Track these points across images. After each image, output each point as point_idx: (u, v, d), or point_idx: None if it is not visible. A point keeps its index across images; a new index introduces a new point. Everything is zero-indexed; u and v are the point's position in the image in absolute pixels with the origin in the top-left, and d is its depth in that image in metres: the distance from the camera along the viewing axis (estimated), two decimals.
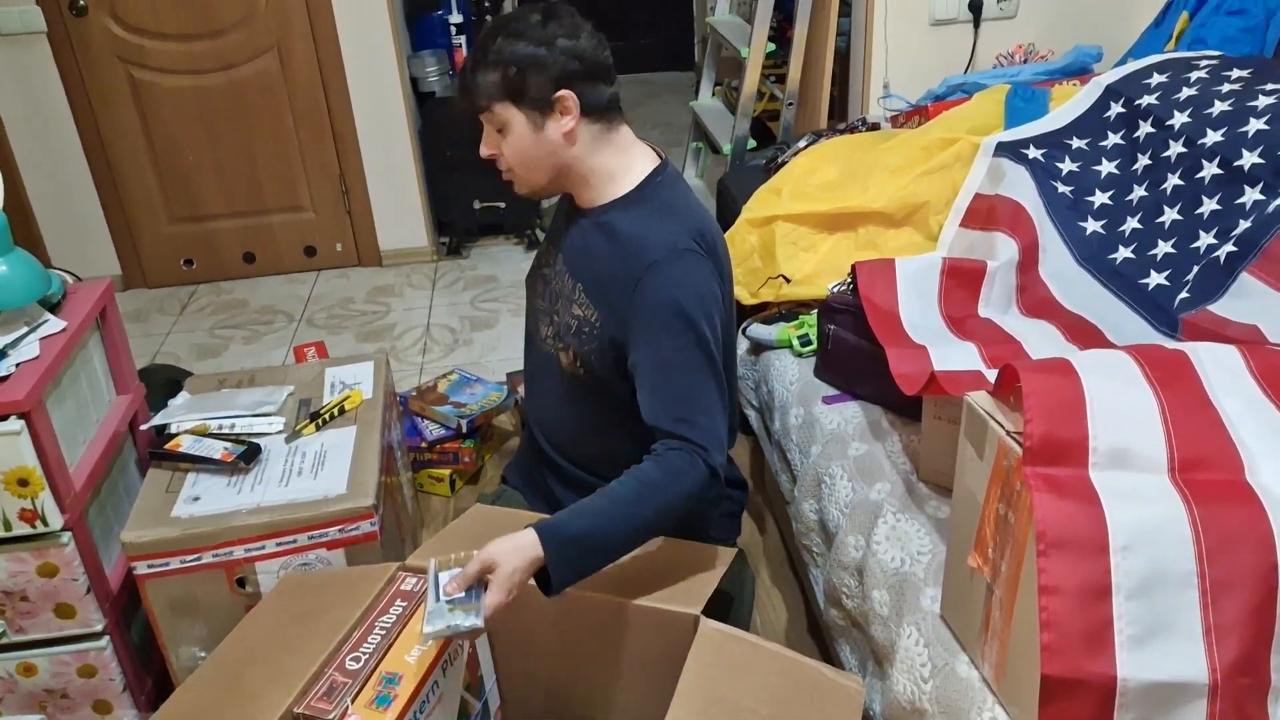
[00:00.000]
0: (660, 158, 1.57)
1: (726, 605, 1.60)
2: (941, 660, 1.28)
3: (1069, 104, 2.03)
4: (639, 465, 1.40)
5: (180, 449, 1.84)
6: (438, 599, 1.31)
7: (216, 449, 1.84)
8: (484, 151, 1.54)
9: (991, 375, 1.35)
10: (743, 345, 2.15)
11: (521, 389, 2.04)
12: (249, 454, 1.82)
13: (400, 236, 3.85)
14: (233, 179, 3.68)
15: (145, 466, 1.91)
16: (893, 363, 1.55)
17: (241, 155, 3.65)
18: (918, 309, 1.71)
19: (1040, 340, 1.63)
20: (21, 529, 1.62)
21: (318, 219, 3.80)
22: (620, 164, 1.53)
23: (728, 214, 2.49)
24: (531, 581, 1.35)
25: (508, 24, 1.46)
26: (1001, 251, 1.79)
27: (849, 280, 1.84)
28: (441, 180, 3.78)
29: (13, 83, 3.40)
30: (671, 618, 1.41)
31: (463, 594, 1.31)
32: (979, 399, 1.17)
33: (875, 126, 2.56)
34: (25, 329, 1.73)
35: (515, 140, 1.49)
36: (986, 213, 1.90)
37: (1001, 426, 1.12)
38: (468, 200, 3.80)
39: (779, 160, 2.45)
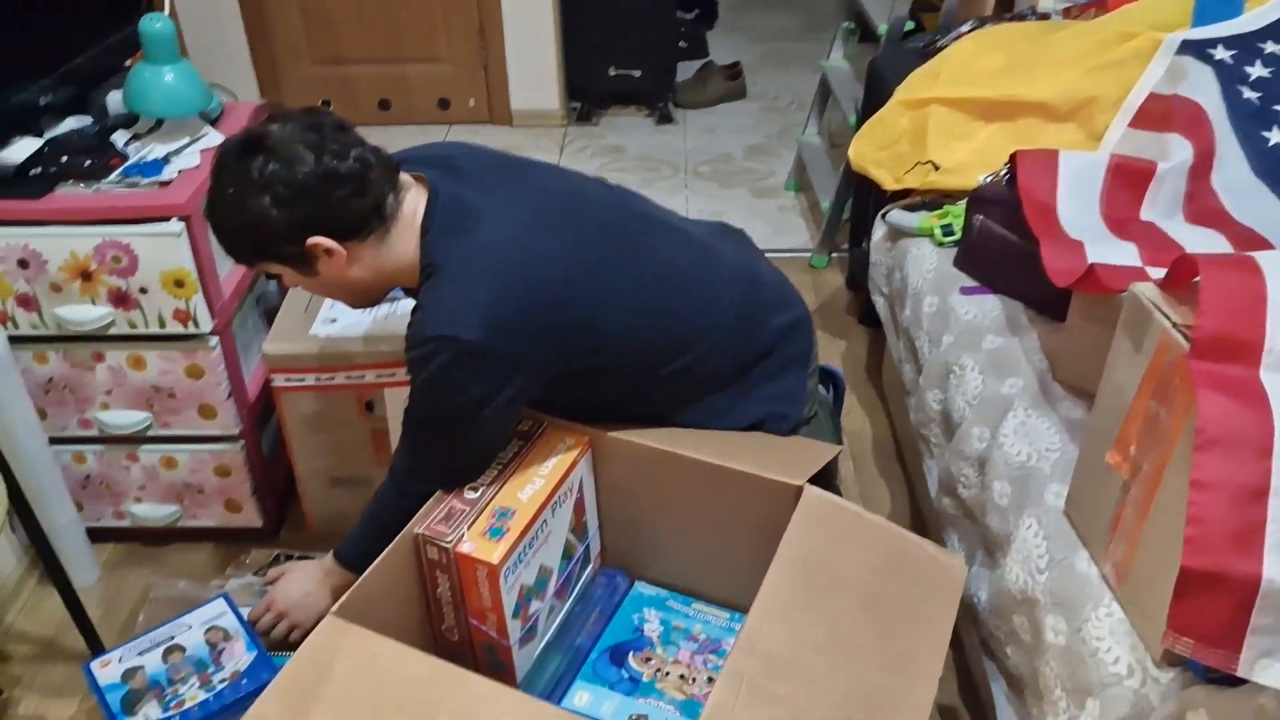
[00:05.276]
0: (427, 190, 1.34)
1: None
2: (1060, 554, 1.26)
3: (1269, 4, 1.88)
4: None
5: None
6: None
7: None
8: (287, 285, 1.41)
9: (1157, 275, 1.29)
10: (880, 231, 2.10)
11: None
12: None
13: (533, 97, 3.83)
14: (374, 25, 3.70)
15: (284, 287, 1.98)
16: (1046, 255, 1.49)
17: (383, 2, 3.65)
18: (1076, 206, 1.64)
19: (1206, 249, 1.54)
20: (174, 328, 1.71)
21: (454, 72, 3.80)
22: (414, 243, 1.32)
23: (876, 98, 2.40)
24: (630, 436, 1.46)
25: (218, 184, 1.25)
26: (1174, 154, 1.69)
27: (1005, 171, 1.76)
28: (579, 44, 3.72)
29: None
30: (775, 486, 1.42)
31: None
32: (1145, 289, 1.12)
33: (1045, 17, 2.41)
34: (187, 139, 1.78)
35: (300, 282, 1.36)
36: (1161, 114, 1.79)
37: (1168, 318, 1.07)
38: (603, 66, 3.75)
39: (938, 44, 2.33)
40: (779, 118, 3.92)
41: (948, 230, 1.90)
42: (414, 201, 1.32)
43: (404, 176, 1.33)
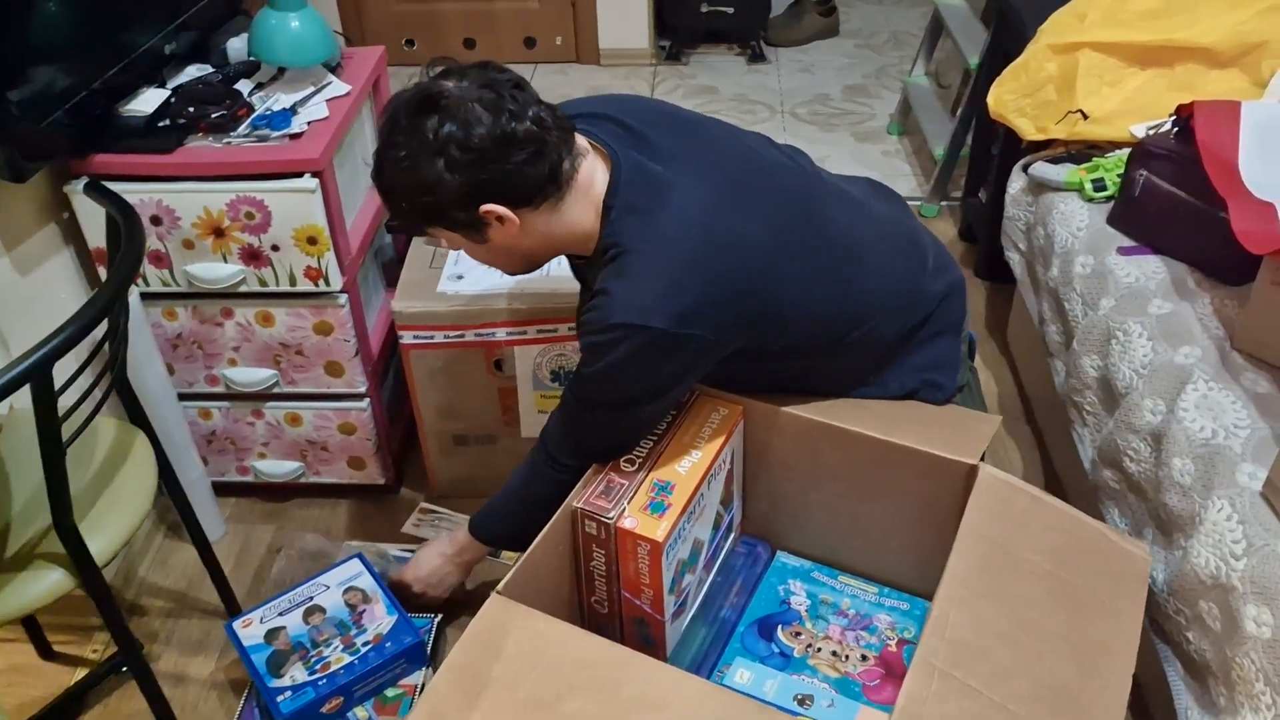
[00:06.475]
0: (608, 164, 1.25)
1: None
2: (1260, 540, 1.19)
3: None
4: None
5: None
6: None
7: None
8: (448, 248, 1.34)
9: None
10: (1018, 183, 2.00)
11: None
12: None
13: (621, 36, 3.72)
14: None
15: (402, 240, 1.94)
16: (1235, 218, 1.39)
17: None
18: (1259, 162, 1.53)
19: None
20: (305, 285, 1.67)
21: (540, 9, 3.70)
22: (590, 214, 1.25)
23: (1009, 39, 2.28)
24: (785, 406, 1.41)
25: (389, 144, 1.17)
26: None
27: (1171, 123, 1.65)
28: None
29: None
30: (945, 463, 1.36)
31: None
32: None
33: None
34: (311, 88, 1.73)
35: (466, 248, 1.29)
36: None
37: None
38: (696, 2, 3.62)
39: None
40: (876, 56, 3.77)
41: (1099, 185, 1.80)
42: (590, 170, 1.24)
43: (580, 141, 1.25)
